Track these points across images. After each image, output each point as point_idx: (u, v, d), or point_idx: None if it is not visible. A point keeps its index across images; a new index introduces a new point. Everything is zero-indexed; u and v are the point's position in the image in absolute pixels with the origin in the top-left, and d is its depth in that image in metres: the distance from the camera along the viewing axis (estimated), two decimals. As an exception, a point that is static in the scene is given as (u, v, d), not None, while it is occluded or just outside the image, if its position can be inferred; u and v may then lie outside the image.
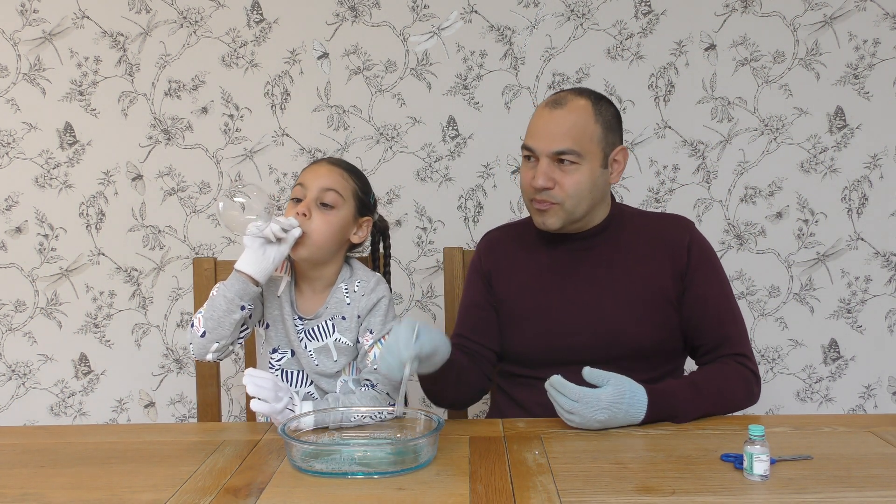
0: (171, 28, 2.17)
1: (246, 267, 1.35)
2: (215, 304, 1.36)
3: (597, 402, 1.26)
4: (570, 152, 1.39)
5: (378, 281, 1.49)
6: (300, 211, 1.40)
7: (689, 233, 1.49)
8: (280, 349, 1.48)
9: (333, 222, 1.42)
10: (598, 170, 1.42)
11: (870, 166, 2.16)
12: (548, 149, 1.40)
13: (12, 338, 2.26)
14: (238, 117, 2.19)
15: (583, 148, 1.40)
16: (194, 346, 1.39)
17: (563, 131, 1.39)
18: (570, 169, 1.40)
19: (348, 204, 1.44)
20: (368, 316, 1.45)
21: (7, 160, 2.21)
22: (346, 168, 1.48)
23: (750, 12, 2.13)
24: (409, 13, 2.15)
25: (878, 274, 2.19)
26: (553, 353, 1.44)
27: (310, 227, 1.39)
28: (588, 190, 1.41)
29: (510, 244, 1.56)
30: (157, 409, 2.27)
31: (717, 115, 2.16)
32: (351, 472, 1.10)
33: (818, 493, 1.01)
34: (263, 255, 1.35)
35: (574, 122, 1.40)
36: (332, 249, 1.44)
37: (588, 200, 1.43)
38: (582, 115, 1.40)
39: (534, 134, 1.43)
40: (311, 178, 1.43)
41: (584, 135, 1.40)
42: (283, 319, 1.47)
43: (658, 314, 1.44)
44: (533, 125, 1.44)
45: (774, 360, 2.22)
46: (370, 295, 1.45)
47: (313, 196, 1.41)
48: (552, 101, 1.43)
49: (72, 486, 1.10)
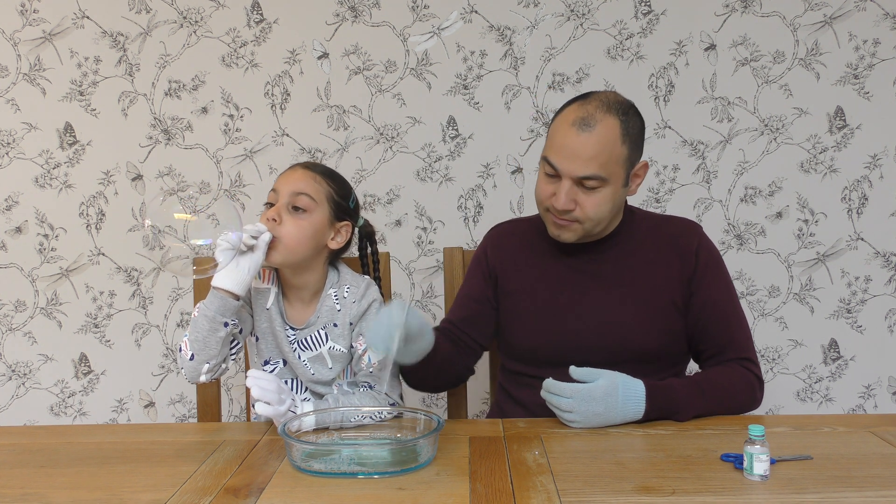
0: (171, 28, 2.17)
1: (223, 282, 1.33)
2: (198, 324, 1.34)
3: (590, 395, 1.26)
4: (595, 178, 1.36)
5: (368, 285, 1.48)
6: (270, 216, 1.38)
7: (698, 237, 1.49)
8: (272, 360, 1.48)
9: (305, 227, 1.39)
10: (620, 190, 1.40)
11: (870, 166, 2.16)
12: (573, 173, 1.36)
13: (12, 338, 2.26)
14: (238, 117, 2.19)
15: (608, 172, 1.36)
16: (185, 370, 1.37)
17: (590, 156, 1.35)
18: (592, 192, 1.38)
19: (322, 208, 1.41)
20: (360, 321, 1.45)
21: (7, 160, 2.21)
22: (321, 172, 1.45)
23: (750, 12, 2.13)
24: (409, 13, 2.15)
25: (878, 274, 2.19)
26: (558, 353, 1.44)
27: (280, 231, 1.37)
28: (608, 210, 1.40)
29: (520, 241, 1.56)
30: (157, 409, 2.27)
31: (717, 115, 2.16)
32: (351, 472, 1.10)
33: (818, 493, 1.01)
34: (238, 267, 1.32)
35: (602, 147, 1.35)
36: (306, 254, 1.41)
37: (607, 220, 1.43)
38: (610, 139, 1.36)
39: (559, 153, 1.38)
40: (283, 183, 1.42)
41: (610, 159, 1.36)
42: (274, 332, 1.45)
43: (664, 318, 1.44)
44: (559, 142, 1.38)
45: (774, 360, 2.22)
46: (361, 301, 1.45)
47: (284, 201, 1.39)
48: (580, 120, 1.36)
49: (72, 486, 1.10)
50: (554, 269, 1.50)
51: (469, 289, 1.56)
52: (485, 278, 1.55)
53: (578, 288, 1.47)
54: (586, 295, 1.46)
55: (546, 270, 1.50)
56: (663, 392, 1.31)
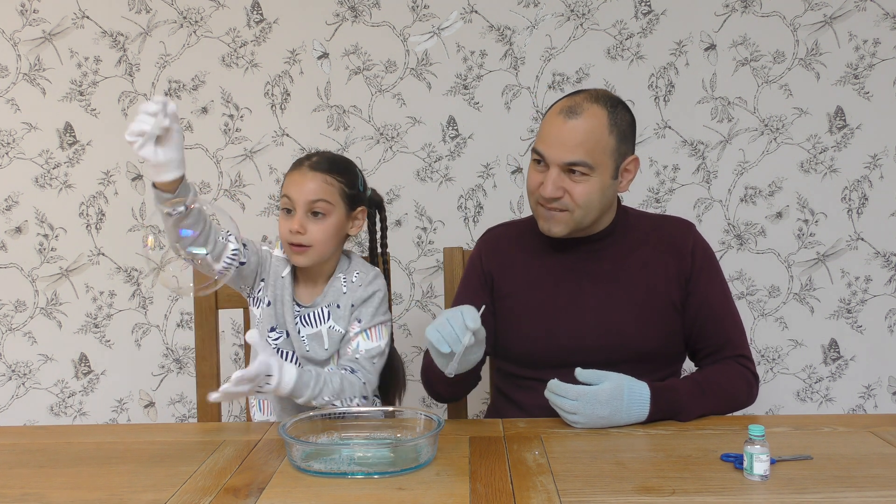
0: (171, 28, 2.17)
1: (154, 175, 1.20)
2: None
3: (596, 398, 1.26)
4: (582, 164, 1.37)
5: (377, 275, 1.52)
6: (294, 229, 1.42)
7: (692, 236, 1.49)
8: (277, 328, 1.50)
9: (328, 228, 1.44)
10: (609, 181, 1.40)
11: (870, 166, 2.16)
12: (559, 159, 1.37)
13: (12, 338, 2.26)
14: (238, 117, 2.19)
15: (595, 160, 1.37)
16: None
17: (577, 142, 1.36)
18: (580, 179, 1.38)
19: (339, 206, 1.46)
20: (361, 306, 1.47)
21: (7, 160, 2.21)
22: (329, 169, 1.46)
23: (750, 12, 2.13)
24: (409, 13, 2.15)
25: (878, 274, 2.19)
26: (555, 355, 1.44)
27: (307, 239, 1.42)
28: (597, 200, 1.40)
29: (513, 242, 1.55)
30: (157, 409, 2.27)
31: (717, 115, 2.16)
32: (351, 472, 1.10)
33: (818, 493, 1.01)
34: (157, 156, 1.16)
35: (588, 133, 1.37)
36: (332, 250, 1.48)
37: (597, 210, 1.42)
38: (597, 126, 1.37)
39: (546, 140, 1.40)
40: (297, 192, 1.43)
41: (597, 147, 1.37)
42: (284, 301, 1.48)
43: (661, 318, 1.44)
44: (546, 131, 1.41)
45: (774, 360, 2.22)
46: (367, 287, 1.48)
47: (303, 211, 1.43)
48: (567, 108, 1.39)
49: (72, 486, 1.10)
50: (549, 269, 1.49)
51: (467, 297, 1.54)
52: (481, 284, 1.54)
53: (575, 289, 1.46)
54: (583, 296, 1.46)
55: (541, 271, 1.49)
56: (667, 394, 1.31)
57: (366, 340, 1.45)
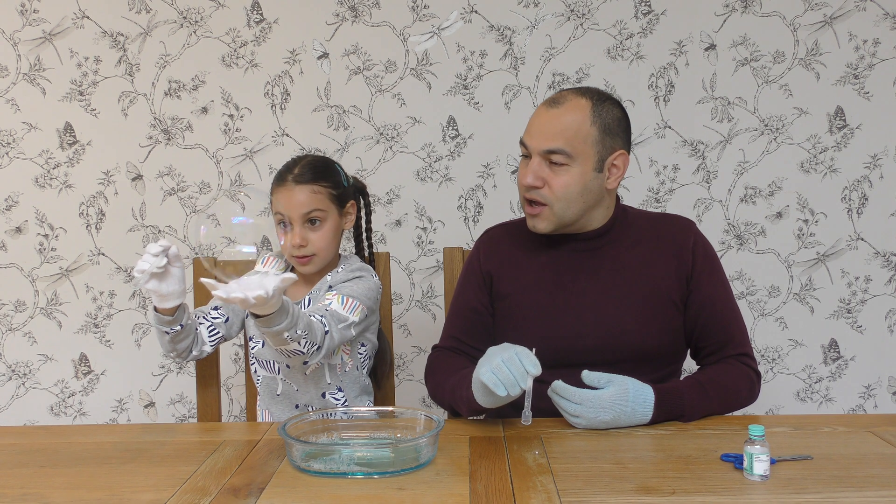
0: (171, 28, 2.17)
1: (157, 302, 1.35)
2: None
3: (599, 403, 1.26)
4: (560, 152, 1.37)
5: (363, 268, 1.55)
6: (296, 244, 1.45)
7: (693, 234, 1.49)
8: (255, 338, 1.53)
9: (327, 233, 1.48)
10: (591, 173, 1.39)
11: (870, 166, 2.16)
12: (539, 147, 1.39)
13: (12, 338, 2.26)
14: (238, 117, 2.19)
15: (574, 149, 1.37)
16: None
17: (557, 131, 1.38)
18: (560, 170, 1.38)
19: (331, 209, 1.49)
20: (340, 284, 1.49)
21: (7, 160, 2.21)
22: (313, 178, 1.47)
23: (750, 12, 2.13)
24: (409, 13, 2.15)
25: (878, 274, 2.19)
26: (556, 355, 1.43)
27: (311, 249, 1.46)
28: (578, 193, 1.39)
29: (512, 243, 1.55)
30: (157, 409, 2.27)
31: (717, 115, 2.16)
32: (351, 472, 1.10)
33: (818, 493, 1.01)
34: (160, 291, 1.32)
35: (569, 122, 1.38)
36: (336, 250, 1.53)
37: (578, 204, 1.41)
38: (578, 116, 1.38)
39: (529, 130, 1.43)
40: (288, 206, 1.45)
41: (577, 136, 1.37)
42: None
43: (662, 316, 1.44)
44: (530, 122, 1.44)
45: (774, 360, 2.22)
46: (349, 272, 1.52)
47: (300, 224, 1.45)
48: (551, 99, 1.42)
49: (72, 486, 1.10)
50: (549, 269, 1.48)
51: (467, 299, 1.53)
52: (480, 286, 1.53)
53: (574, 288, 1.46)
54: (583, 295, 1.45)
55: (541, 271, 1.49)
56: (670, 397, 1.31)
57: (339, 304, 1.43)
